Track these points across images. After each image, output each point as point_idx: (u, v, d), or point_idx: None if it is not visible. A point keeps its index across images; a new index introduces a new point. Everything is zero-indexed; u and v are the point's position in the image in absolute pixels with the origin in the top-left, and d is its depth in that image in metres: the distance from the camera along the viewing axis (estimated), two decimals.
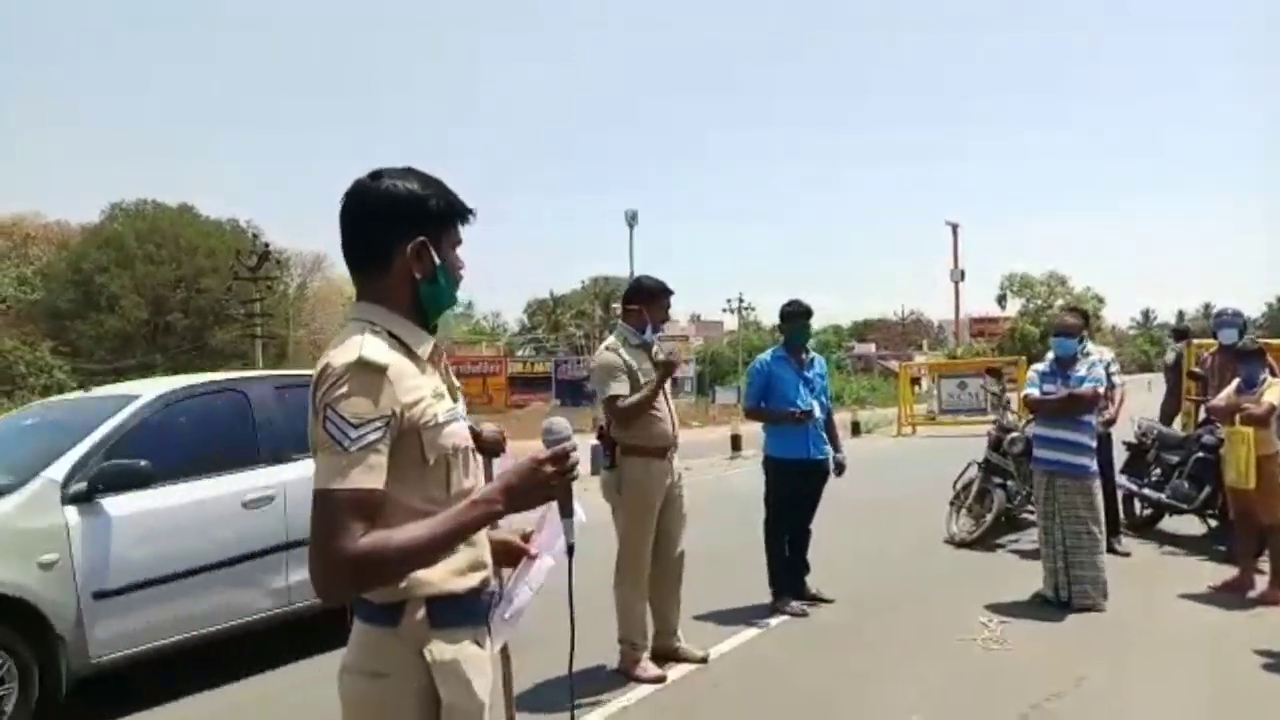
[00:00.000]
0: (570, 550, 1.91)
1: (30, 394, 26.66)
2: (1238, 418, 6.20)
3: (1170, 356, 11.63)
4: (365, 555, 1.59)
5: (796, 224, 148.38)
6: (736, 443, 18.92)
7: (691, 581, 5.33)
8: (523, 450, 2.03)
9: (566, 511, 1.86)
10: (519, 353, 56.71)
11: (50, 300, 40.68)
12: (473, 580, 1.81)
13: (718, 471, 15.58)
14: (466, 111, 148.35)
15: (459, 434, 1.80)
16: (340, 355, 1.69)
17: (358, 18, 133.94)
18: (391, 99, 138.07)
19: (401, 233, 1.78)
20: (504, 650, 3.38)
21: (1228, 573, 6.65)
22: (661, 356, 5.11)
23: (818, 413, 6.15)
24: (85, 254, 41.01)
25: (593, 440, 6.39)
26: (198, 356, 37.36)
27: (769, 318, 62.73)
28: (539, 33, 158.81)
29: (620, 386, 4.92)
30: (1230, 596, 6.30)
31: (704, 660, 5.20)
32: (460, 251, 1.90)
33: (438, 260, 1.80)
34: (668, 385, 5.10)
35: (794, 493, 6.26)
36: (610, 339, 5.24)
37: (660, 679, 4.88)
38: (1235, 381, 6.55)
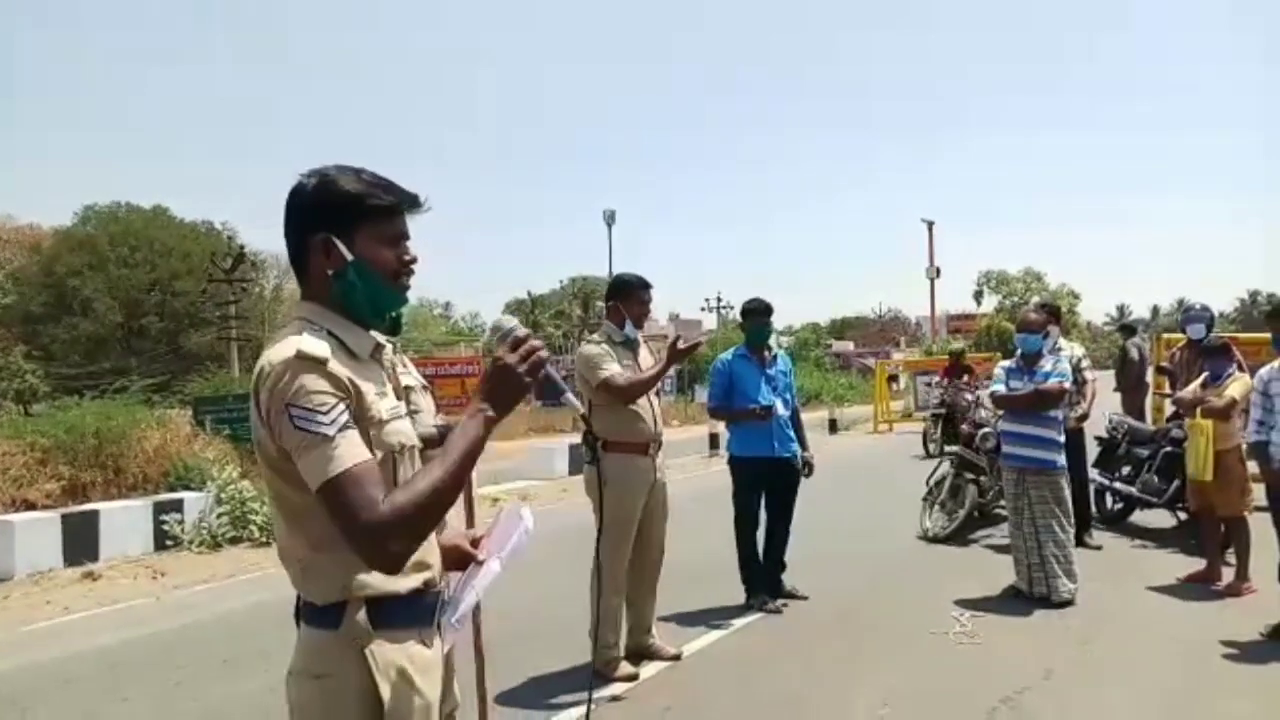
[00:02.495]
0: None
1: (2, 399, 26.33)
2: (1198, 411, 6.29)
3: (1134, 353, 11.77)
4: (400, 511, 1.60)
5: (776, 222, 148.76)
6: (714, 441, 18.95)
7: (666, 580, 5.33)
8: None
9: (556, 390, 1.87)
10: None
11: (23, 304, 40.21)
12: (415, 581, 1.79)
13: (695, 470, 15.61)
14: (446, 111, 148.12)
15: (403, 432, 1.81)
16: (277, 353, 1.68)
17: (337, 15, 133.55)
18: (369, 98, 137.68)
19: (308, 229, 1.77)
20: (478, 647, 3.39)
21: (1196, 565, 6.74)
22: (682, 344, 5.09)
23: (780, 410, 6.16)
24: (58, 257, 40.53)
25: (571, 440, 6.36)
26: (173, 360, 37.00)
27: None
28: (518, 33, 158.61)
29: (611, 366, 4.88)
30: (1198, 588, 6.40)
31: (677, 658, 5.22)
32: (413, 245, 1.86)
33: (348, 255, 1.76)
34: None
35: (761, 491, 6.29)
36: (594, 335, 5.24)
37: (633, 677, 4.89)
38: (1202, 376, 6.64)
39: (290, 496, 1.71)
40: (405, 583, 1.77)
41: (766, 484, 6.29)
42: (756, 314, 6.37)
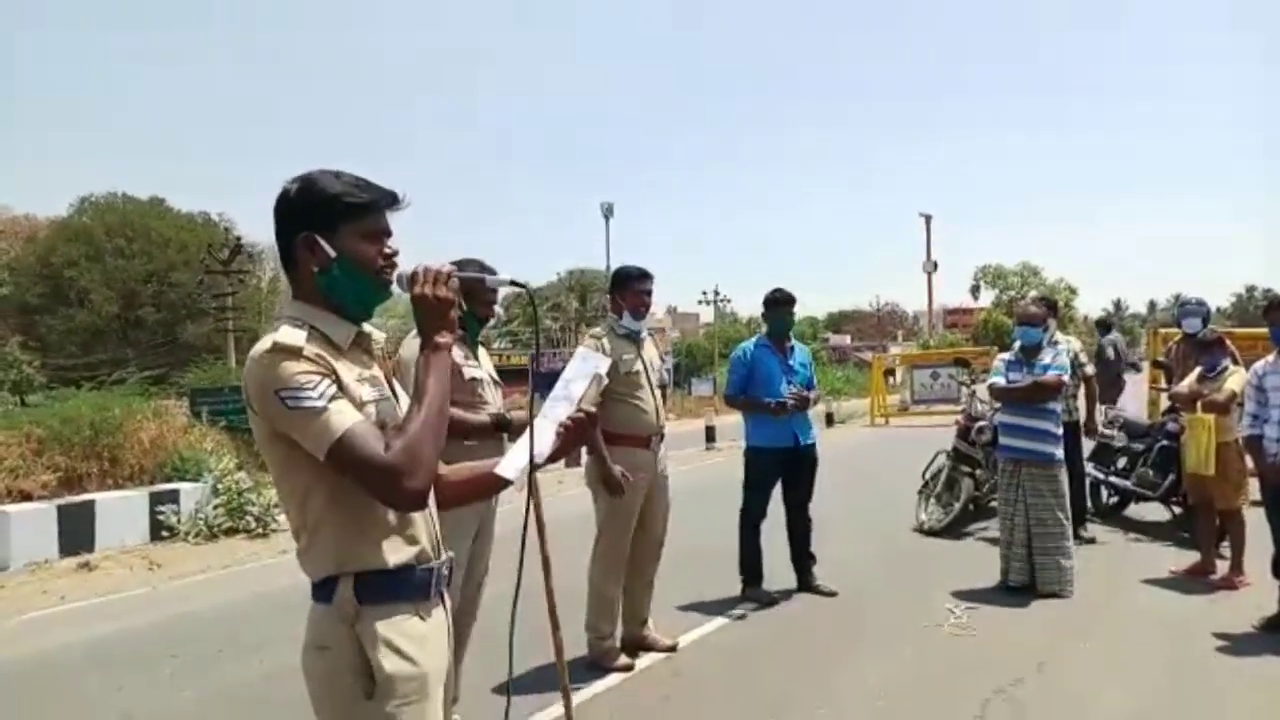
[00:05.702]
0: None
1: None
2: (1199, 405, 6.31)
3: (1110, 351, 11.75)
4: (403, 451, 1.74)
5: (774, 216, 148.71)
6: (711, 434, 18.98)
7: (662, 571, 5.35)
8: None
9: (476, 283, 2.15)
10: (495, 345, 56.45)
11: (19, 295, 40.01)
12: (404, 555, 1.88)
13: (693, 463, 15.61)
14: (440, 105, 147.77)
15: (386, 414, 1.89)
16: (257, 348, 1.81)
17: (335, 10, 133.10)
18: (363, 92, 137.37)
19: (294, 229, 1.88)
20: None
21: (1190, 558, 6.76)
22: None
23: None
24: (54, 248, 40.31)
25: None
26: (170, 351, 36.91)
27: (745, 310, 62.87)
28: (518, 28, 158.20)
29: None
30: (1192, 581, 6.41)
31: (673, 649, 5.23)
32: (395, 242, 1.95)
33: (332, 252, 1.86)
34: (652, 377, 5.07)
35: (775, 484, 6.30)
36: (597, 329, 5.24)
37: (628, 667, 4.90)
38: (1197, 370, 6.65)
39: (292, 478, 1.84)
40: (393, 557, 1.87)
41: (785, 474, 6.29)
42: (780, 304, 6.34)
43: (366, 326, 1.96)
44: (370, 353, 1.98)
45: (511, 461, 2.03)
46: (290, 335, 1.79)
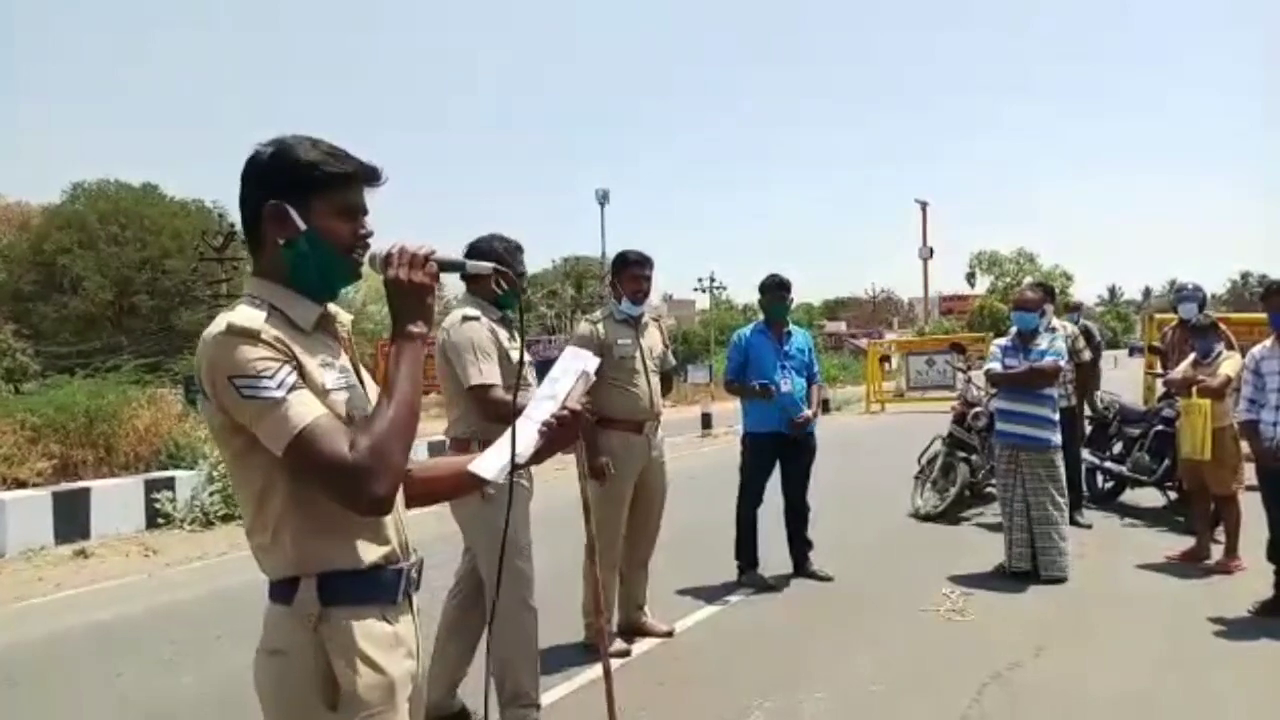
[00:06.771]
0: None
1: None
2: (1194, 390, 6.31)
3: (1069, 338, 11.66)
4: (368, 452, 1.58)
5: (770, 203, 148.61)
6: (707, 421, 19.01)
7: (659, 557, 5.35)
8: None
9: (458, 267, 1.85)
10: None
11: (11, 282, 39.90)
12: (373, 555, 1.74)
13: (688, 449, 15.62)
14: (435, 89, 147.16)
15: (352, 401, 1.74)
16: (210, 330, 1.66)
17: (334, 10, 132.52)
18: (354, 77, 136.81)
19: (260, 197, 1.72)
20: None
21: (1186, 543, 6.78)
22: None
23: (785, 387, 6.13)
24: (47, 235, 40.14)
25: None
26: (164, 338, 36.81)
27: (741, 297, 62.84)
28: (515, 28, 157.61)
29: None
30: (1187, 566, 6.43)
31: (670, 634, 5.24)
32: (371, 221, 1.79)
33: (301, 224, 1.71)
34: (648, 362, 5.05)
35: (771, 469, 6.31)
36: (595, 313, 5.25)
37: (625, 653, 4.90)
38: (1192, 355, 6.66)
39: (249, 472, 1.69)
40: (362, 557, 1.73)
41: (782, 460, 6.31)
42: (774, 289, 6.33)
43: (332, 307, 1.82)
44: (336, 336, 1.82)
45: (486, 461, 1.90)
46: (247, 316, 1.64)
